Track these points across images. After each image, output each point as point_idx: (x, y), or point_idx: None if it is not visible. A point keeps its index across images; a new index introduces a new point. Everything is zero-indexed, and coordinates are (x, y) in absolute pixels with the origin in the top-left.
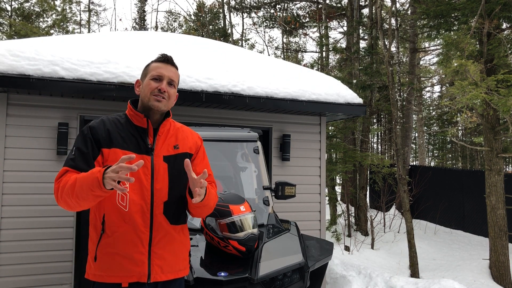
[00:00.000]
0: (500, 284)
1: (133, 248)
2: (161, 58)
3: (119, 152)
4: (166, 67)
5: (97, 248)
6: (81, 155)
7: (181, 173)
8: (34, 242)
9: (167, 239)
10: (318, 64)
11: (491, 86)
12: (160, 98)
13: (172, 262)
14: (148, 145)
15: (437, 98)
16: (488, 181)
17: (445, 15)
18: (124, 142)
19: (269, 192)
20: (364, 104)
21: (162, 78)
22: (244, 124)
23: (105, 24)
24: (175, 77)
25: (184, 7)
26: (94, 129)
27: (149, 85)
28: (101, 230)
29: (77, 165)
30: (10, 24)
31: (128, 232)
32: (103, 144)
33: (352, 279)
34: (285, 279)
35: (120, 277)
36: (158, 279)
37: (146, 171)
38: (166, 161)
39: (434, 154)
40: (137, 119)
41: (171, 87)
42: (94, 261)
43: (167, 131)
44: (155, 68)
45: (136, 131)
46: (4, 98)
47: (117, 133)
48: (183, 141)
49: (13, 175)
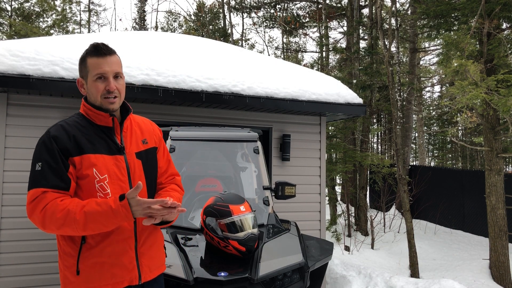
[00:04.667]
0: (500, 284)
1: (123, 255)
2: (95, 51)
3: (92, 157)
4: (105, 60)
5: (79, 260)
6: (52, 170)
7: (153, 168)
8: (34, 242)
9: (150, 238)
10: (318, 64)
11: (491, 86)
12: (111, 99)
13: (157, 259)
14: (117, 144)
15: (437, 98)
16: (488, 181)
17: (445, 15)
18: (93, 146)
19: (269, 192)
20: (364, 104)
21: (107, 76)
22: (244, 124)
23: (105, 24)
24: (119, 67)
25: (184, 7)
26: (58, 139)
27: (95, 87)
28: (81, 241)
29: (51, 183)
30: (10, 24)
31: (115, 240)
32: (72, 153)
33: (352, 279)
34: (285, 279)
35: (111, 284)
36: (148, 279)
37: (122, 172)
38: (139, 157)
39: (434, 154)
40: (100, 119)
41: (118, 80)
42: (77, 274)
43: (130, 125)
44: (95, 66)
45: (101, 131)
46: (4, 98)
47: (83, 137)
48: (148, 134)
49: (13, 175)
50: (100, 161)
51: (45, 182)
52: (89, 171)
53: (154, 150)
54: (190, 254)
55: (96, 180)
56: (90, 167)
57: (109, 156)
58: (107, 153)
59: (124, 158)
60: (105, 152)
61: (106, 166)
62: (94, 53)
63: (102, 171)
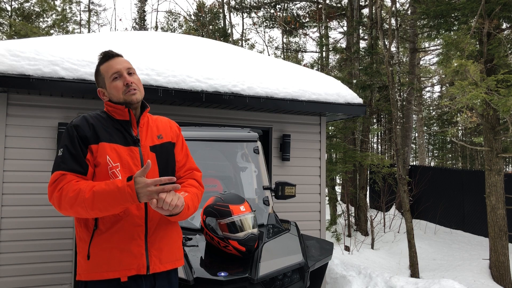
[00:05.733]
0: (500, 284)
1: (131, 241)
2: (104, 57)
3: (107, 146)
4: (115, 61)
5: (90, 246)
6: (72, 156)
7: (169, 162)
8: (34, 242)
9: (162, 229)
10: (318, 64)
11: (491, 86)
12: (132, 91)
13: (169, 252)
14: (133, 136)
15: (437, 98)
16: (488, 181)
17: (445, 15)
18: (110, 136)
19: (269, 192)
20: (364, 104)
21: (121, 72)
22: (244, 124)
23: (105, 24)
24: (129, 64)
25: (184, 7)
26: (79, 127)
27: (115, 86)
28: (94, 227)
29: (70, 167)
30: (10, 24)
31: (124, 226)
32: (91, 141)
33: (352, 279)
34: (285, 279)
35: (119, 271)
36: (157, 270)
37: (136, 162)
38: (153, 150)
39: (434, 154)
40: (118, 113)
41: (132, 75)
42: (87, 259)
43: (147, 122)
44: (108, 69)
45: (119, 124)
46: (4, 98)
47: (102, 128)
48: (164, 131)
49: (13, 175)
50: (114, 150)
51: (64, 165)
52: (103, 158)
53: (170, 145)
54: (190, 254)
55: (109, 167)
56: (104, 154)
57: (124, 147)
58: (123, 144)
59: (138, 149)
60: (121, 142)
61: (120, 155)
62: (104, 59)
63: (115, 159)
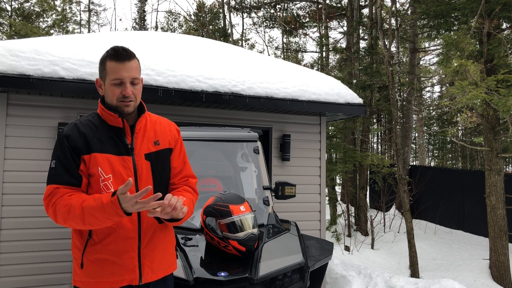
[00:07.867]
0: (500, 284)
1: (123, 254)
2: (115, 55)
3: (98, 157)
4: (124, 66)
5: (83, 254)
6: (64, 168)
7: (164, 170)
8: (34, 242)
9: (155, 239)
10: (318, 64)
11: (491, 86)
12: (127, 102)
13: (161, 261)
14: (126, 145)
15: (437, 98)
16: (488, 181)
17: (445, 15)
18: (102, 145)
19: (269, 192)
20: (364, 104)
21: (124, 81)
22: (244, 124)
23: (105, 24)
24: (136, 73)
25: (184, 7)
26: (70, 138)
27: (112, 91)
28: (88, 236)
29: (63, 180)
30: (10, 24)
31: (117, 239)
32: (83, 151)
33: (352, 279)
34: (285, 279)
35: (111, 282)
36: (149, 280)
37: (129, 173)
38: (148, 159)
39: (434, 154)
40: (111, 119)
41: (135, 86)
42: (81, 268)
43: (144, 126)
44: (113, 70)
45: (112, 131)
46: (4, 98)
47: (93, 137)
48: (162, 136)
49: (13, 175)
50: (106, 161)
51: (58, 178)
52: (95, 169)
53: (167, 151)
54: (190, 254)
55: (101, 179)
56: (96, 166)
57: (117, 156)
58: (115, 153)
59: (132, 159)
60: (113, 152)
61: (112, 166)
62: (114, 58)
63: (107, 170)
